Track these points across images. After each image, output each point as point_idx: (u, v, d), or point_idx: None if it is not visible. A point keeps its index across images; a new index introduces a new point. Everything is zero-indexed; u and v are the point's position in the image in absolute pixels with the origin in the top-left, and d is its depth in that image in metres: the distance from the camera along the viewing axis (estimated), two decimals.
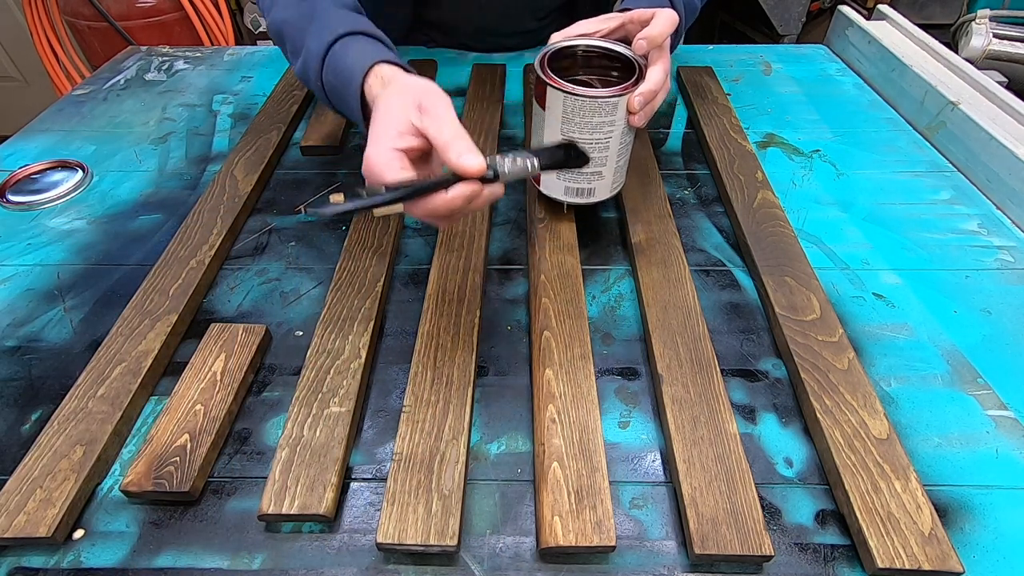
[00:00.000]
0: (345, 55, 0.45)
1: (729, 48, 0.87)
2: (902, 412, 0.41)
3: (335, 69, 0.45)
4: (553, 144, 0.39)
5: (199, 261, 0.50)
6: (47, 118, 0.74)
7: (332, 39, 0.45)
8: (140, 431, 0.40)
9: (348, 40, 0.46)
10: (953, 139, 0.64)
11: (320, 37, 0.46)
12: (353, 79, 0.43)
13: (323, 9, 0.48)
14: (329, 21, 0.47)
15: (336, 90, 0.45)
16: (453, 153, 0.34)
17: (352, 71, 0.44)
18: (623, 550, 0.34)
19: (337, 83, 0.45)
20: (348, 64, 0.44)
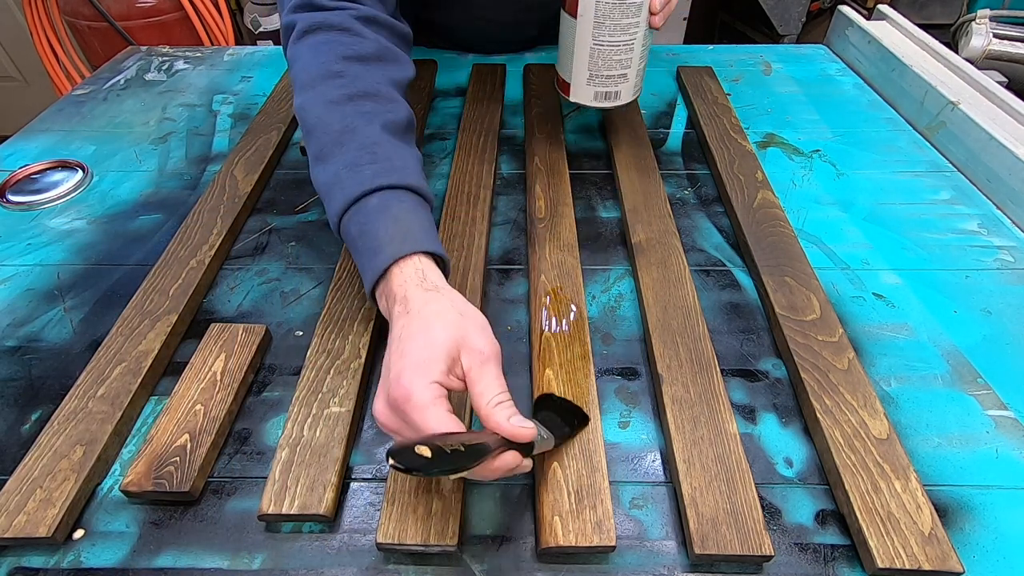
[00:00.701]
0: (382, 216, 0.38)
1: (729, 48, 0.87)
2: (902, 412, 0.41)
3: (362, 226, 0.38)
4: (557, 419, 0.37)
5: (199, 261, 0.50)
6: (47, 118, 0.74)
7: (371, 188, 0.38)
8: (140, 431, 0.40)
9: (390, 196, 0.39)
10: (953, 139, 0.64)
11: (358, 174, 0.39)
12: (381, 252, 0.37)
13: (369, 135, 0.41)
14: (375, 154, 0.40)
15: (355, 244, 0.39)
16: (502, 417, 0.30)
17: (383, 244, 0.37)
18: (623, 550, 0.34)
19: (360, 241, 0.38)
20: (381, 232, 0.37)
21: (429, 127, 0.71)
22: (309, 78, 0.44)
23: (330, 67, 0.44)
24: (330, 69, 0.44)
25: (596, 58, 0.52)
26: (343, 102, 0.42)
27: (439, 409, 0.30)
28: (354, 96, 0.43)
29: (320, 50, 0.45)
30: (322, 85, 0.43)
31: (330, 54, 0.44)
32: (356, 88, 0.43)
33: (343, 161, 0.40)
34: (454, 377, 0.32)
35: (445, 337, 0.32)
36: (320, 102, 0.42)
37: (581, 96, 0.55)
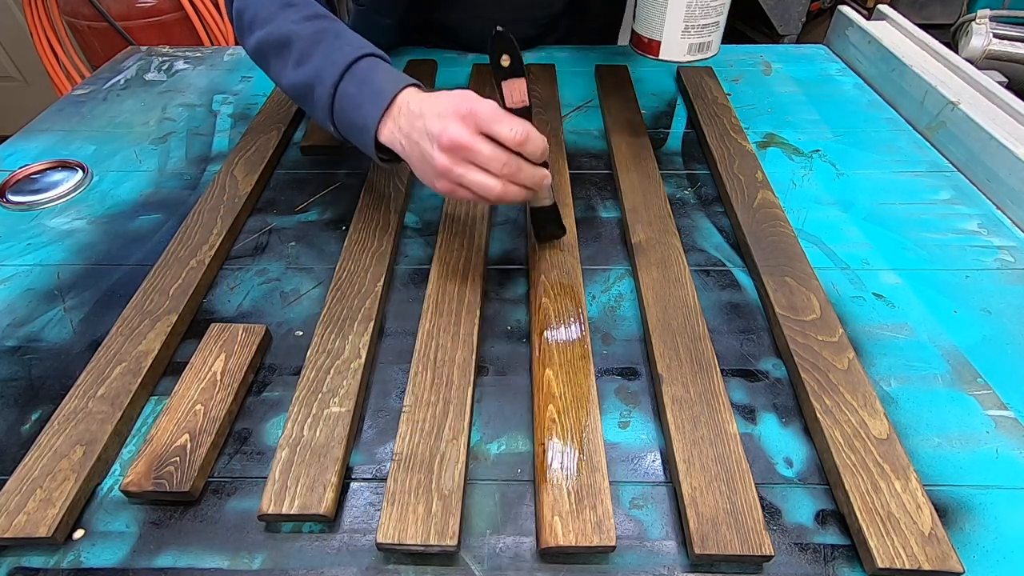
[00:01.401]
0: (375, 70, 0.46)
1: (729, 48, 0.87)
2: (902, 412, 0.41)
3: (360, 83, 0.45)
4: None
5: (199, 261, 0.50)
6: (47, 118, 0.74)
7: (360, 54, 0.46)
8: (140, 431, 0.40)
9: (374, 60, 0.47)
10: (953, 139, 0.64)
11: (343, 51, 0.46)
12: (384, 90, 0.44)
13: (340, 30, 0.49)
14: (351, 40, 0.48)
15: (354, 99, 0.45)
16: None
17: (384, 85, 0.44)
18: (623, 550, 0.34)
19: (360, 94, 0.45)
20: (379, 79, 0.45)
21: None
22: (267, 13, 0.51)
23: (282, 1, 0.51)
24: (282, 2, 0.51)
25: (693, 7, 0.53)
26: (307, 19, 0.50)
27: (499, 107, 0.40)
28: (313, 16, 0.50)
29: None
30: (283, 12, 0.50)
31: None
32: (312, 11, 0.51)
33: (326, 49, 0.47)
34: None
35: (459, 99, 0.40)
36: (285, 22, 0.50)
37: (674, 52, 0.56)
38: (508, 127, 0.39)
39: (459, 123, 0.39)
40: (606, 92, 0.74)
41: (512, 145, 0.39)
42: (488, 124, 0.39)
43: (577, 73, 0.81)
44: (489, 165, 0.39)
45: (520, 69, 0.39)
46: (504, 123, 0.39)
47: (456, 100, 0.40)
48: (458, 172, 0.40)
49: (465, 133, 0.39)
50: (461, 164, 0.40)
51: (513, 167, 0.40)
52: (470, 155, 0.39)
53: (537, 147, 0.40)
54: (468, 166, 0.40)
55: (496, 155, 0.39)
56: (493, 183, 0.40)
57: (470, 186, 0.40)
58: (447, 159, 0.40)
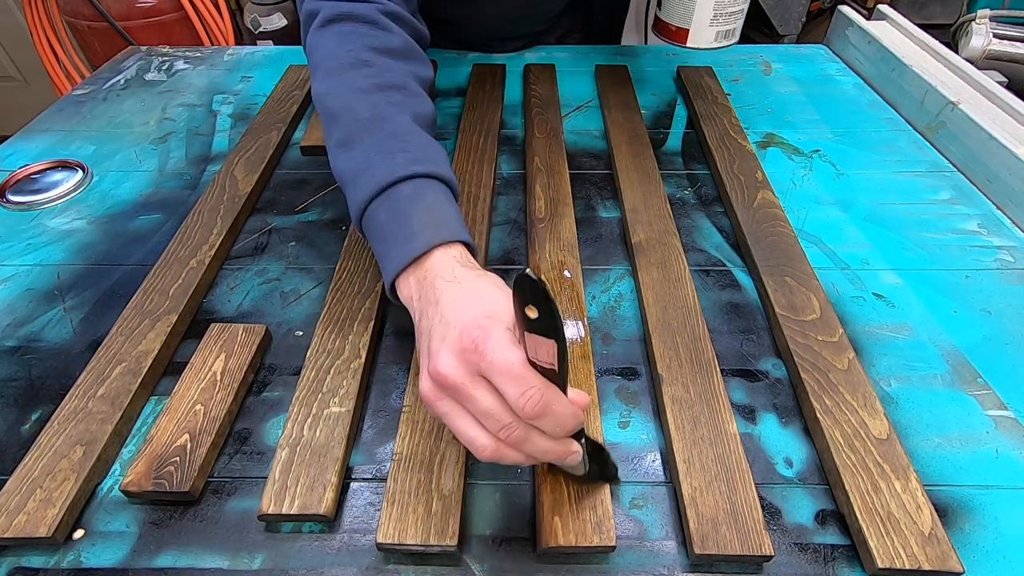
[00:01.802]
0: (417, 204, 0.37)
1: (729, 48, 0.87)
2: (902, 412, 0.41)
3: (394, 212, 0.37)
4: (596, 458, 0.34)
5: (199, 261, 0.50)
6: (47, 118, 0.74)
7: (406, 174, 0.37)
8: (140, 431, 0.40)
9: (423, 184, 0.38)
10: (953, 139, 0.64)
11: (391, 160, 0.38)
12: (416, 238, 0.35)
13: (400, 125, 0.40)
14: (407, 143, 0.39)
15: (382, 230, 0.37)
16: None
17: (418, 230, 0.35)
18: (623, 550, 0.34)
19: (390, 227, 0.37)
20: (415, 219, 0.36)
21: None
22: (336, 65, 0.43)
23: (358, 56, 0.43)
24: (358, 58, 0.43)
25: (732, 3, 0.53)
26: (372, 91, 0.41)
27: (519, 350, 0.27)
28: (383, 86, 0.42)
29: (347, 39, 0.44)
30: (350, 73, 0.42)
31: (357, 43, 0.44)
32: (385, 79, 0.42)
33: (373, 147, 0.39)
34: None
35: (508, 301, 0.30)
36: (348, 89, 0.42)
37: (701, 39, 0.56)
38: (518, 389, 0.27)
39: (456, 357, 0.29)
40: (606, 92, 0.74)
41: (519, 414, 0.27)
42: (493, 375, 0.28)
43: (577, 73, 0.81)
44: (485, 421, 0.28)
45: (551, 329, 0.25)
46: (515, 382, 0.27)
47: (472, 318, 0.29)
48: (442, 410, 0.30)
49: (459, 374, 0.28)
50: (448, 402, 0.29)
51: (517, 435, 0.28)
52: (461, 400, 0.29)
53: (561, 425, 0.28)
54: (457, 408, 0.29)
55: (495, 413, 0.28)
56: (484, 442, 0.28)
57: (454, 432, 0.30)
58: (433, 390, 0.30)
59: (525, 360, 0.27)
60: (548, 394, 0.27)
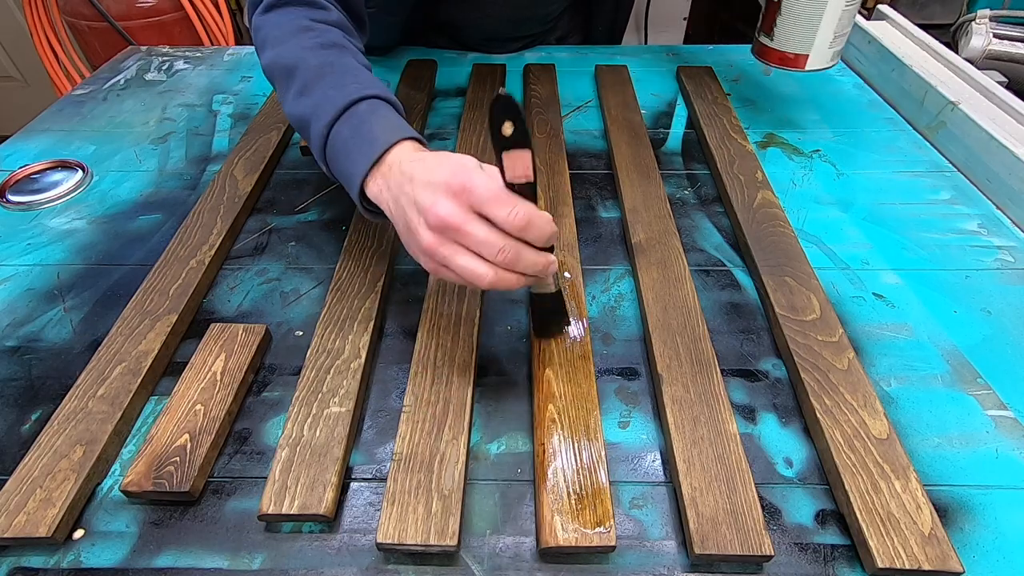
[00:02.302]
0: (373, 116, 0.42)
1: (729, 48, 0.87)
2: (902, 412, 0.41)
3: (355, 127, 0.41)
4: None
5: (199, 261, 0.50)
6: (47, 118, 0.74)
7: (361, 95, 0.42)
8: (140, 431, 0.40)
9: (376, 103, 0.43)
10: (953, 139, 0.64)
11: (346, 89, 0.43)
12: (377, 140, 0.39)
13: (349, 65, 0.46)
14: (358, 77, 0.44)
15: (346, 144, 0.41)
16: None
17: (379, 134, 0.40)
18: (623, 550, 0.34)
19: (353, 140, 0.41)
20: (376, 127, 0.41)
21: (429, 127, 0.71)
22: (281, 34, 0.48)
23: (301, 24, 0.48)
24: (301, 25, 0.48)
25: (842, 19, 0.56)
26: (319, 48, 0.46)
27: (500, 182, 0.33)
28: (328, 44, 0.47)
29: (288, 15, 0.49)
30: (295, 38, 0.47)
31: (300, 17, 0.49)
32: (328, 39, 0.47)
33: (329, 85, 0.44)
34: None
35: (470, 157, 0.35)
36: (296, 48, 0.47)
37: (820, 61, 0.59)
38: (506, 209, 0.33)
39: (450, 200, 0.33)
40: (606, 92, 0.74)
41: (510, 230, 0.33)
42: (483, 204, 0.33)
43: (577, 73, 0.81)
44: (482, 250, 0.33)
45: (525, 139, 0.32)
46: (502, 204, 0.33)
47: (451, 170, 0.34)
48: (444, 254, 0.34)
49: (457, 212, 0.33)
50: (449, 245, 0.34)
51: (511, 254, 0.33)
52: (460, 237, 0.34)
53: (542, 232, 0.34)
54: (457, 248, 0.34)
55: (491, 239, 0.33)
56: (484, 270, 0.34)
57: (458, 271, 0.34)
58: (434, 238, 0.34)
59: (505, 187, 0.33)
60: (529, 208, 0.33)
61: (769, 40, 0.62)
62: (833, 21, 0.57)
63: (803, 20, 0.58)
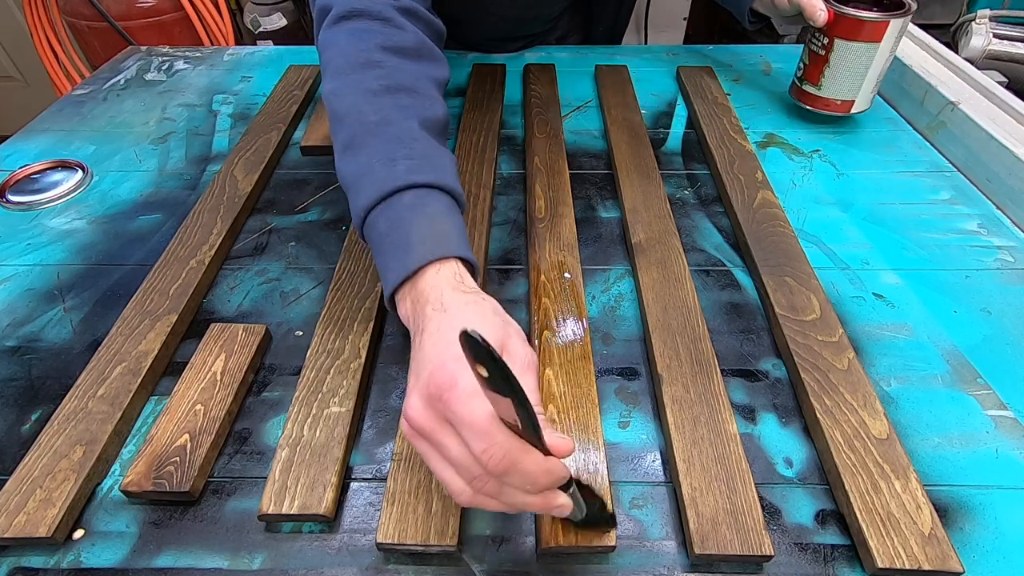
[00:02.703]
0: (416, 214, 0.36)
1: (729, 48, 0.87)
2: (902, 412, 0.41)
3: (393, 222, 0.36)
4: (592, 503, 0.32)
5: (199, 261, 0.50)
6: (47, 118, 0.74)
7: (407, 183, 0.36)
8: (140, 431, 0.40)
9: (425, 195, 0.36)
10: (953, 139, 0.64)
11: (394, 167, 0.37)
12: (412, 251, 0.34)
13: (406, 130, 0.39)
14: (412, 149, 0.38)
15: (382, 240, 0.36)
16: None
17: (415, 243, 0.34)
18: (623, 550, 0.34)
19: (388, 238, 0.36)
20: (414, 231, 0.35)
21: None
22: (345, 64, 0.42)
23: (369, 56, 0.42)
24: (369, 58, 0.42)
25: (883, 70, 0.61)
26: (381, 93, 0.40)
27: (485, 401, 0.25)
28: (392, 88, 0.41)
29: (359, 37, 0.43)
30: (359, 73, 0.41)
31: (369, 42, 0.43)
32: (395, 81, 0.41)
33: (376, 153, 0.38)
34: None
35: (490, 337, 0.28)
36: (356, 90, 0.41)
37: (863, 104, 0.66)
38: (480, 445, 0.25)
39: (422, 402, 0.28)
40: (606, 92, 0.74)
41: (487, 470, 0.26)
42: (458, 427, 0.26)
43: (577, 73, 0.81)
44: (457, 470, 0.27)
45: (507, 388, 0.23)
46: (477, 438, 0.25)
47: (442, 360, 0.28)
48: (420, 450, 0.29)
49: (426, 418, 0.28)
50: (423, 443, 0.29)
51: (490, 488, 0.27)
52: (435, 446, 0.28)
53: (533, 482, 0.26)
54: (433, 451, 0.28)
55: (464, 462, 0.27)
56: (460, 487, 0.27)
57: (433, 472, 0.29)
58: (408, 430, 0.29)
59: (491, 413, 0.25)
60: (513, 452, 0.25)
61: (815, 89, 0.66)
62: (878, 71, 0.62)
63: (851, 72, 0.62)
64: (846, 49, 0.61)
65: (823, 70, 0.63)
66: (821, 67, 0.64)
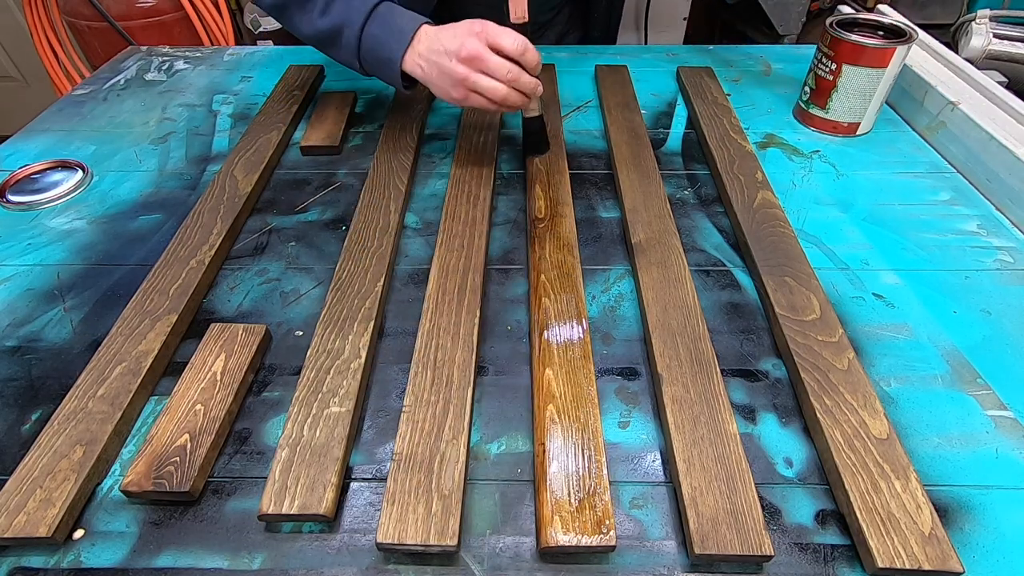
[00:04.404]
0: (393, 13, 0.54)
1: (729, 48, 0.87)
2: (902, 412, 0.41)
3: (382, 25, 0.54)
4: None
5: (199, 261, 0.50)
6: (47, 118, 0.74)
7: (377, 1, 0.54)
8: (140, 431, 0.40)
9: (389, 4, 0.55)
10: (953, 139, 0.64)
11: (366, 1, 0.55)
12: (404, 29, 0.53)
13: None
14: None
15: (378, 39, 0.54)
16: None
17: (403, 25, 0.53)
18: (623, 550, 0.34)
19: (383, 35, 0.54)
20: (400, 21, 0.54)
21: (429, 127, 0.71)
22: None
23: None
24: None
25: (887, 93, 0.66)
26: None
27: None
28: None
29: None
30: None
31: None
32: None
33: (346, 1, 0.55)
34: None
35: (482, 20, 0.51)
36: None
37: (868, 125, 0.68)
38: (511, 39, 0.50)
39: (474, 38, 0.50)
40: (606, 92, 0.74)
41: (514, 54, 0.50)
42: (496, 36, 0.50)
43: (577, 73, 0.81)
44: (497, 72, 0.50)
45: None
46: (508, 36, 0.50)
47: (467, 23, 0.51)
48: (473, 79, 0.50)
49: (479, 46, 0.50)
50: (475, 72, 0.50)
51: (515, 73, 0.51)
52: (482, 64, 0.50)
53: (533, 56, 0.51)
54: (480, 74, 0.50)
55: (502, 63, 0.50)
56: (500, 86, 0.51)
57: (482, 90, 0.51)
58: (464, 68, 0.50)
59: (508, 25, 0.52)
60: (525, 39, 0.51)
61: (823, 112, 0.68)
62: (883, 94, 0.64)
63: (858, 96, 0.65)
64: (854, 74, 0.63)
65: (831, 94, 0.66)
66: (828, 91, 0.66)
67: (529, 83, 0.52)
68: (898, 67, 0.63)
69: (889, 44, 0.61)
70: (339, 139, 0.67)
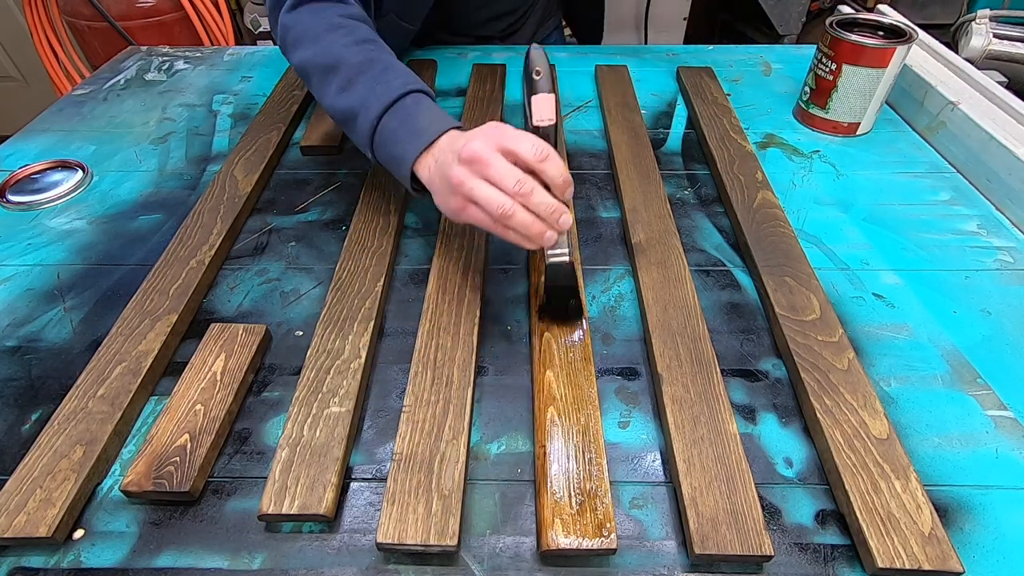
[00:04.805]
0: (419, 109, 0.46)
1: (729, 48, 0.87)
2: (902, 412, 0.41)
3: (403, 119, 0.46)
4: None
5: (199, 261, 0.50)
6: (47, 118, 0.74)
7: (404, 91, 0.46)
8: (140, 431, 0.40)
9: (420, 96, 0.47)
10: (953, 139, 0.64)
11: (390, 85, 0.47)
12: (426, 130, 0.44)
13: (387, 61, 0.49)
14: (398, 72, 0.48)
15: (395, 134, 0.46)
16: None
17: (426, 126, 0.45)
18: (623, 550, 0.34)
19: (402, 130, 0.45)
20: (422, 119, 0.45)
21: None
22: (316, 32, 0.51)
23: (332, 22, 0.52)
24: (332, 23, 0.51)
25: (887, 93, 0.66)
26: (354, 44, 0.50)
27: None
28: (360, 40, 0.51)
29: (319, 13, 0.52)
30: (331, 35, 0.51)
31: (330, 13, 0.52)
32: (359, 35, 0.51)
33: (373, 81, 0.48)
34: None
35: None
36: (335, 46, 0.50)
37: (868, 126, 0.68)
38: (529, 143, 0.38)
39: (481, 139, 0.39)
40: (606, 92, 0.74)
41: (531, 161, 0.38)
42: (512, 139, 0.38)
43: (577, 73, 0.81)
44: (502, 182, 0.38)
45: (550, 84, 0.40)
46: (526, 140, 0.38)
47: (487, 125, 0.40)
48: (469, 186, 0.39)
49: (484, 147, 0.38)
50: (474, 178, 0.39)
51: (527, 186, 0.38)
52: (484, 169, 0.38)
53: (558, 169, 0.39)
54: (480, 180, 0.39)
55: (511, 171, 0.38)
56: (501, 199, 0.38)
57: (480, 201, 0.38)
58: (462, 171, 0.39)
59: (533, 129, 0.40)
60: (549, 146, 0.39)
61: (823, 112, 0.68)
62: (883, 94, 0.64)
63: (858, 96, 0.65)
64: (854, 74, 0.63)
65: (831, 94, 0.66)
66: (828, 91, 0.66)
67: (545, 203, 0.38)
68: (898, 67, 0.63)
69: (889, 44, 0.61)
70: (339, 139, 0.67)
